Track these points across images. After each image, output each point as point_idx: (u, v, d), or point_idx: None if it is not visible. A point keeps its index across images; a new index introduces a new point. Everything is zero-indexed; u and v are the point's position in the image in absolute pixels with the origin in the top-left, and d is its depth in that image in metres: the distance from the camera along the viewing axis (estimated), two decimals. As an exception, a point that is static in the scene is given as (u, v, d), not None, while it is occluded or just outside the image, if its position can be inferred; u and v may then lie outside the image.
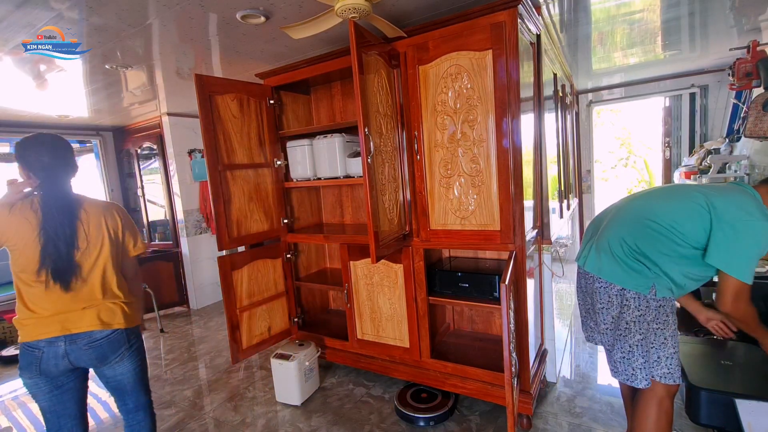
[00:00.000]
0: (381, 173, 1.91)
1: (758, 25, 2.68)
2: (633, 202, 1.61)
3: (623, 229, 1.51)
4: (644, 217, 1.47)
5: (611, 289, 1.49)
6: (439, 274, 2.26)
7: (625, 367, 1.48)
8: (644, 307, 1.43)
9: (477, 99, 1.89)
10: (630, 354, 1.46)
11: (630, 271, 1.44)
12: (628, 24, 2.53)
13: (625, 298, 1.46)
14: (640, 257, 1.44)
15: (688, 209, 1.40)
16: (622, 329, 1.47)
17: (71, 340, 1.40)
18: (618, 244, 1.49)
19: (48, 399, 1.44)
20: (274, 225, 2.62)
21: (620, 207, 1.63)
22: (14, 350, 3.52)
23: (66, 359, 1.41)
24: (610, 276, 1.49)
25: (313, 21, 1.76)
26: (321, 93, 2.94)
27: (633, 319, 1.44)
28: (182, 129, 4.29)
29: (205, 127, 2.19)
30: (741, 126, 3.21)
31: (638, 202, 1.58)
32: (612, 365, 1.54)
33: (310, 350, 2.50)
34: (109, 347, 1.46)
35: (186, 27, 2.02)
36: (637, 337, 1.44)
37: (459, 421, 2.17)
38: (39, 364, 1.38)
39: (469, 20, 1.85)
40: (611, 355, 1.54)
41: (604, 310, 1.53)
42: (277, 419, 2.33)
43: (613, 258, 1.49)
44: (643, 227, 1.46)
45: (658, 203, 1.50)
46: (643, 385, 1.45)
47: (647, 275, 1.42)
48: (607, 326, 1.53)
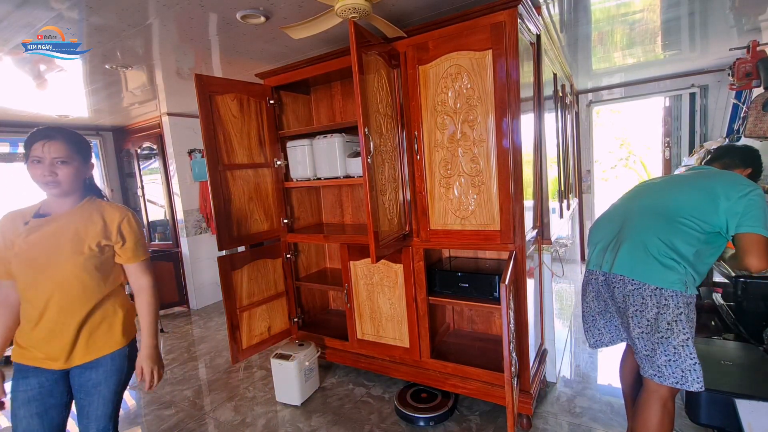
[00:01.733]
0: (381, 173, 1.91)
1: (758, 25, 2.68)
2: (654, 200, 1.58)
3: (658, 229, 1.48)
4: (676, 214, 1.48)
5: (645, 290, 1.45)
6: (439, 274, 2.26)
7: (673, 370, 1.41)
8: (683, 304, 1.41)
9: (477, 99, 1.89)
10: (676, 355, 1.41)
11: (666, 269, 1.43)
12: (628, 24, 2.53)
13: (663, 297, 1.42)
14: (674, 255, 1.43)
15: (707, 199, 1.45)
16: (663, 330, 1.42)
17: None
18: (654, 243, 1.46)
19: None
20: (274, 225, 2.62)
21: (641, 207, 1.60)
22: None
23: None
24: (647, 276, 1.45)
25: (313, 21, 1.76)
26: (321, 93, 2.94)
27: (674, 318, 1.40)
28: (182, 129, 4.29)
29: (205, 127, 2.19)
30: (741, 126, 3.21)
31: (660, 201, 1.56)
32: (656, 370, 1.45)
33: (310, 350, 2.50)
34: None
35: (186, 27, 2.02)
36: (681, 337, 1.40)
37: (459, 421, 2.17)
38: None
39: (469, 20, 1.85)
40: (653, 360, 1.45)
41: (639, 313, 1.47)
42: (277, 419, 2.33)
43: (647, 258, 1.46)
44: (676, 225, 1.46)
45: (681, 198, 1.51)
46: (695, 388, 1.39)
47: (681, 272, 1.42)
48: (643, 330, 1.47)
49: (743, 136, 2.89)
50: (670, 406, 1.46)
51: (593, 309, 1.69)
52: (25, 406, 1.29)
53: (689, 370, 1.39)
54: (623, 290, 1.52)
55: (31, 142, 1.29)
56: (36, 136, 1.29)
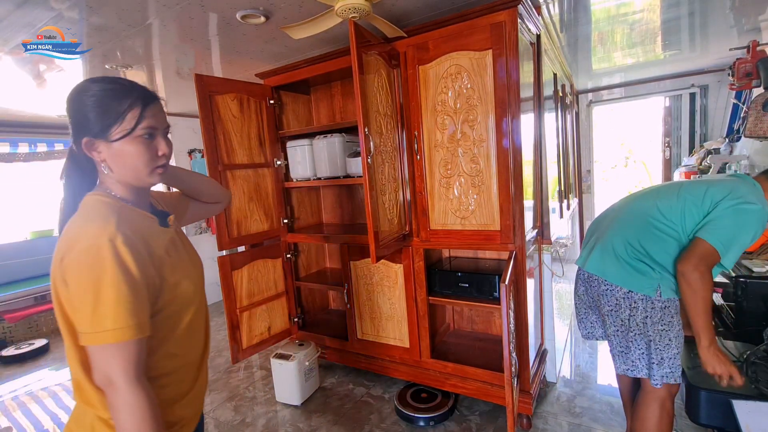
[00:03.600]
0: (381, 173, 1.91)
1: (758, 25, 2.68)
2: (634, 202, 1.59)
3: (628, 231, 1.49)
4: (648, 216, 1.46)
5: (617, 292, 1.47)
6: (439, 274, 2.26)
7: (645, 363, 1.45)
8: (650, 308, 1.42)
9: (477, 99, 1.89)
10: (648, 350, 1.45)
11: (635, 273, 1.43)
12: (628, 24, 2.53)
13: (633, 300, 1.44)
14: (645, 258, 1.43)
15: (690, 203, 1.40)
16: (635, 329, 1.45)
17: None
18: (622, 245, 1.47)
19: None
20: (274, 225, 2.62)
21: (622, 207, 1.61)
22: (14, 350, 3.52)
23: None
24: (616, 279, 1.47)
25: (313, 21, 1.76)
26: (321, 93, 2.94)
27: (643, 320, 1.43)
28: (182, 129, 4.29)
29: (205, 127, 2.19)
30: (741, 126, 3.21)
31: (639, 203, 1.56)
32: (629, 365, 1.49)
33: (310, 350, 2.50)
34: None
35: (186, 27, 2.02)
36: (654, 336, 1.43)
37: (459, 421, 2.17)
38: None
39: (469, 20, 1.85)
40: (628, 356, 1.49)
41: (613, 312, 1.50)
42: (277, 419, 2.33)
43: (617, 260, 1.47)
44: (647, 227, 1.44)
45: (660, 201, 1.47)
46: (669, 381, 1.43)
47: (652, 276, 1.42)
48: (617, 329, 1.50)
49: (743, 136, 2.89)
50: (668, 406, 1.46)
51: (584, 302, 1.69)
52: None
53: (657, 365, 1.42)
54: (597, 289, 1.54)
55: (137, 104, 0.81)
56: (131, 93, 0.82)
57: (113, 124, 0.79)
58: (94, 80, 0.81)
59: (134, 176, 0.84)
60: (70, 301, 0.73)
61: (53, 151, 4.56)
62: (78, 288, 0.71)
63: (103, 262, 0.71)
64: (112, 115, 0.79)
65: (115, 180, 0.84)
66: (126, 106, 0.80)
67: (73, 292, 0.72)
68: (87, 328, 0.72)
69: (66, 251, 0.73)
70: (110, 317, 0.71)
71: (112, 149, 0.80)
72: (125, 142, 0.80)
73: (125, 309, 0.72)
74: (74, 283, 0.72)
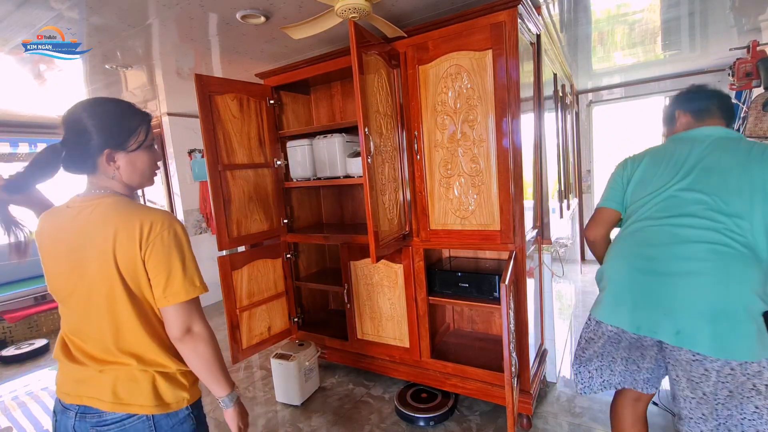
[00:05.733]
0: (381, 173, 1.91)
1: (758, 25, 2.68)
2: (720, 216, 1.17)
3: (749, 273, 1.11)
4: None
5: (727, 366, 1.10)
6: (439, 274, 2.26)
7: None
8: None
9: (477, 99, 1.89)
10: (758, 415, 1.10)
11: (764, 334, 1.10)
12: (628, 24, 2.53)
13: (750, 367, 1.09)
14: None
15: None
16: (747, 391, 1.10)
17: (82, 413, 0.93)
18: (755, 300, 1.09)
19: None
20: (274, 225, 2.62)
21: (705, 237, 1.17)
22: (14, 350, 3.52)
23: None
24: (752, 354, 1.07)
25: (313, 21, 1.76)
26: (321, 93, 2.94)
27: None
28: (182, 129, 4.29)
29: (205, 127, 2.19)
30: (741, 126, 3.21)
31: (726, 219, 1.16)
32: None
33: (310, 350, 2.50)
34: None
35: (186, 27, 2.02)
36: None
37: (459, 421, 2.17)
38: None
39: (469, 20, 1.85)
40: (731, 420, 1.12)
41: (695, 383, 1.16)
42: (277, 419, 2.33)
43: (751, 326, 1.08)
44: (755, 259, 1.12)
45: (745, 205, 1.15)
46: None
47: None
48: (718, 401, 1.13)
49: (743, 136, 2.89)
50: None
51: (599, 357, 1.37)
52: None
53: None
54: (694, 368, 1.15)
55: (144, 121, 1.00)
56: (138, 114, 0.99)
57: (130, 137, 0.96)
58: (103, 101, 0.96)
59: (141, 180, 1.01)
60: (152, 271, 0.90)
61: (53, 151, 4.56)
62: (169, 256, 0.91)
63: (180, 238, 0.94)
64: (129, 130, 0.96)
65: (122, 183, 0.98)
66: (138, 122, 0.98)
67: (160, 262, 0.90)
68: (180, 288, 0.92)
69: (146, 230, 0.89)
70: (197, 277, 0.96)
71: (128, 158, 0.97)
72: (139, 151, 0.99)
73: (198, 270, 0.98)
74: (163, 252, 0.90)
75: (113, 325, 0.92)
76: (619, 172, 1.46)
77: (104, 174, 0.96)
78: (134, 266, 0.90)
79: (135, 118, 0.98)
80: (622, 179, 1.44)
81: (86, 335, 0.95)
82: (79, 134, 0.92)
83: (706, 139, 1.31)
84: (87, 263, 0.90)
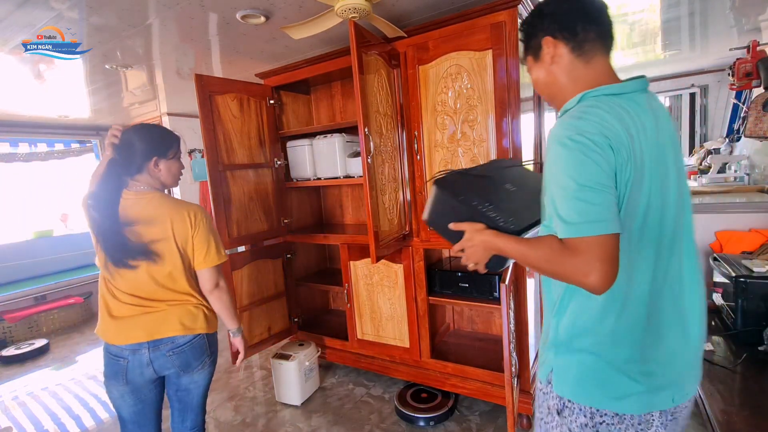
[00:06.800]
0: (381, 173, 1.91)
1: (758, 25, 2.68)
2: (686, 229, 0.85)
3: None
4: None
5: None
6: (439, 274, 2.26)
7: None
8: None
9: (477, 99, 1.89)
10: None
11: None
12: (628, 24, 2.53)
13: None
14: None
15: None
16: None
17: (154, 346, 1.31)
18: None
19: (132, 412, 1.38)
20: (274, 225, 2.62)
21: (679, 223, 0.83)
22: (14, 350, 3.52)
23: (150, 367, 1.32)
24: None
25: (313, 21, 1.76)
26: (321, 93, 2.94)
27: None
28: (182, 129, 4.28)
29: (205, 127, 2.19)
30: (741, 126, 3.21)
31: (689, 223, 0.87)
32: None
33: (310, 350, 2.50)
34: (192, 354, 1.36)
35: (186, 27, 2.02)
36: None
37: (459, 421, 2.17)
38: (125, 374, 1.31)
39: (469, 20, 1.85)
40: None
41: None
42: (277, 419, 2.33)
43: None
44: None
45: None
46: None
47: None
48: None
49: (743, 136, 2.89)
50: None
51: None
52: None
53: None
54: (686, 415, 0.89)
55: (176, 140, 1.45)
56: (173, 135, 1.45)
57: (169, 149, 1.40)
58: (150, 126, 1.40)
59: (173, 181, 1.43)
60: (197, 244, 1.36)
61: (53, 151, 4.57)
62: (208, 235, 1.38)
63: (212, 222, 1.43)
64: (169, 144, 1.40)
65: (160, 182, 1.39)
66: (172, 141, 1.42)
67: (203, 238, 1.37)
68: (214, 256, 1.39)
69: (192, 216, 1.35)
70: (222, 249, 1.43)
71: (167, 164, 1.39)
72: (174, 160, 1.42)
73: (222, 245, 1.45)
74: (204, 233, 1.37)
75: (185, 274, 1.37)
76: None
77: (150, 175, 1.35)
78: (185, 241, 1.35)
79: (172, 138, 1.42)
80: None
81: (153, 289, 1.32)
82: (130, 147, 1.32)
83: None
84: (161, 239, 1.31)
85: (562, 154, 0.75)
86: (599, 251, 0.71)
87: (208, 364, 1.42)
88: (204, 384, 1.45)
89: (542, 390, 0.93)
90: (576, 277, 0.73)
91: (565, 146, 0.75)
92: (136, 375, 1.31)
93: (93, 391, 2.85)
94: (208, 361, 1.42)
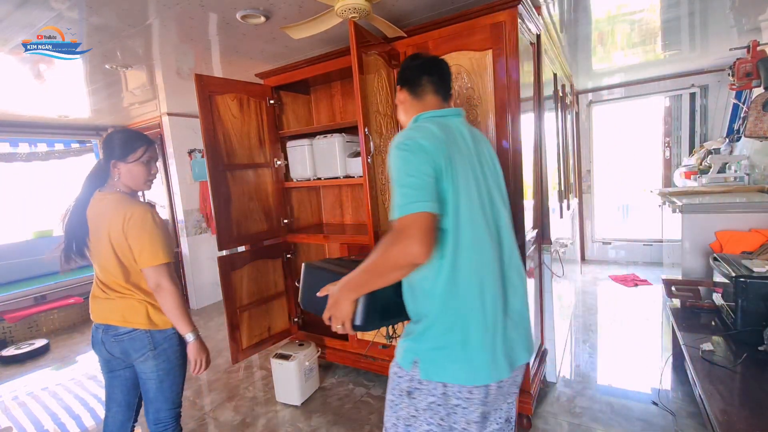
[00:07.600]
0: (381, 173, 1.91)
1: (758, 25, 2.68)
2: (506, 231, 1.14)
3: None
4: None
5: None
6: (439, 274, 2.25)
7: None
8: None
9: (477, 99, 1.89)
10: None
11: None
12: (628, 24, 2.53)
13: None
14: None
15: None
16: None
17: (105, 329, 1.46)
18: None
19: (107, 384, 1.55)
20: (274, 225, 2.62)
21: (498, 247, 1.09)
22: (14, 350, 3.52)
23: (103, 347, 1.47)
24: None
25: (313, 21, 1.76)
26: (321, 93, 2.94)
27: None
28: (182, 129, 4.29)
29: (205, 127, 2.19)
30: (741, 126, 3.21)
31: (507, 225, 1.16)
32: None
33: (310, 350, 2.50)
34: (130, 345, 1.43)
35: (186, 27, 2.02)
36: None
37: (459, 421, 2.17)
38: (94, 346, 1.51)
39: (469, 20, 1.85)
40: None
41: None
42: (277, 419, 2.33)
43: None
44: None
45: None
46: None
47: None
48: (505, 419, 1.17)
49: (743, 136, 2.89)
50: None
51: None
52: None
53: None
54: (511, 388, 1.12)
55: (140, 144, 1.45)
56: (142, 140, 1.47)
57: (130, 153, 1.44)
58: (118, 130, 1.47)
59: (137, 184, 1.48)
60: (132, 245, 1.38)
61: (53, 151, 4.57)
62: (141, 236, 1.37)
63: (151, 221, 1.40)
64: (131, 149, 1.44)
65: (124, 185, 1.46)
66: (139, 144, 1.45)
67: (135, 238, 1.37)
68: (148, 257, 1.38)
69: (128, 217, 1.37)
70: (160, 250, 1.39)
71: (127, 167, 1.44)
72: (136, 163, 1.45)
73: (165, 245, 1.41)
74: (137, 234, 1.37)
75: (122, 270, 1.42)
76: None
77: (113, 177, 1.45)
78: (120, 241, 1.39)
79: (136, 143, 1.45)
80: None
81: (107, 279, 1.44)
82: (102, 151, 1.45)
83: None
84: (101, 236, 1.41)
85: (398, 155, 0.99)
86: (417, 225, 0.89)
87: (150, 357, 1.43)
88: (153, 377, 1.45)
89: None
90: (403, 251, 0.90)
91: (399, 148, 0.99)
92: (99, 349, 1.49)
93: (93, 391, 2.85)
94: (151, 354, 1.43)
